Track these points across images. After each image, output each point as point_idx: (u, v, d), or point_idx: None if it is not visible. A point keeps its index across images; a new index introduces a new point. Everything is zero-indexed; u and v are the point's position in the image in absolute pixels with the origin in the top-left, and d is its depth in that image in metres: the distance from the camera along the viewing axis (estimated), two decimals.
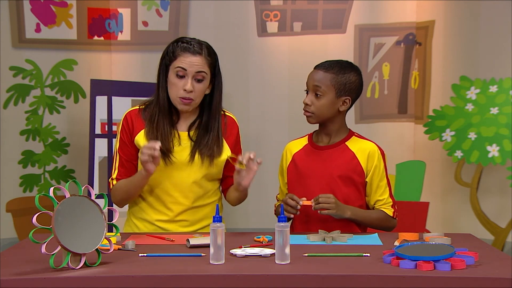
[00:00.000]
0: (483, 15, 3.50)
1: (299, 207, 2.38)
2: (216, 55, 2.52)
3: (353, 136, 2.56)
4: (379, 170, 2.51)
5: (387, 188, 2.53)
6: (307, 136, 2.63)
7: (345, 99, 2.50)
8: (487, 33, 3.48)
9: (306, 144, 2.59)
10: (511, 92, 3.38)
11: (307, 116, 2.52)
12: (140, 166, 2.45)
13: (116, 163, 2.52)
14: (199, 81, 2.45)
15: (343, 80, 2.49)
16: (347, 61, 2.56)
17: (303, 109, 2.52)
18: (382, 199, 2.51)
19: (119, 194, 2.50)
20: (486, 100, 3.43)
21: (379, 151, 2.53)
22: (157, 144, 2.29)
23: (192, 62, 2.44)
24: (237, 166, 2.36)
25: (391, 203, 2.53)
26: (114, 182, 2.51)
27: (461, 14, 3.58)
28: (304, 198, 2.39)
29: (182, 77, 2.44)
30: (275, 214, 2.68)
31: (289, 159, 2.59)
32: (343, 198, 2.47)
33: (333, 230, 2.30)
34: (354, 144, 2.53)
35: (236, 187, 2.46)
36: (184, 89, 2.43)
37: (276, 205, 2.69)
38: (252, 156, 2.33)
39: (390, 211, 2.52)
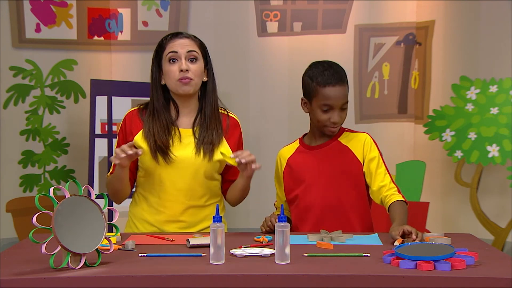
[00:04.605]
0: (483, 15, 3.50)
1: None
2: (205, 45, 2.56)
3: (344, 132, 2.55)
4: (374, 156, 2.48)
5: (387, 175, 2.48)
6: (297, 140, 2.62)
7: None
8: (487, 33, 3.48)
9: (298, 147, 2.59)
10: (511, 92, 3.38)
11: (332, 132, 2.49)
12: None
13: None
14: (192, 61, 2.48)
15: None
16: (338, 65, 2.53)
17: (330, 128, 2.47)
18: (384, 184, 2.44)
19: (108, 188, 2.55)
20: (486, 100, 3.43)
21: (371, 140, 2.52)
22: (131, 151, 2.31)
23: (181, 43, 2.49)
24: (227, 161, 2.36)
25: (396, 188, 2.44)
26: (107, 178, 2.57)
27: (461, 14, 3.57)
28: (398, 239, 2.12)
29: (175, 61, 2.47)
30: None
31: (284, 164, 2.58)
32: (344, 196, 2.47)
33: (334, 230, 2.30)
34: (346, 139, 2.53)
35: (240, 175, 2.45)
36: (180, 69, 2.46)
37: (275, 214, 2.68)
38: (243, 161, 2.32)
39: (400, 197, 2.41)
